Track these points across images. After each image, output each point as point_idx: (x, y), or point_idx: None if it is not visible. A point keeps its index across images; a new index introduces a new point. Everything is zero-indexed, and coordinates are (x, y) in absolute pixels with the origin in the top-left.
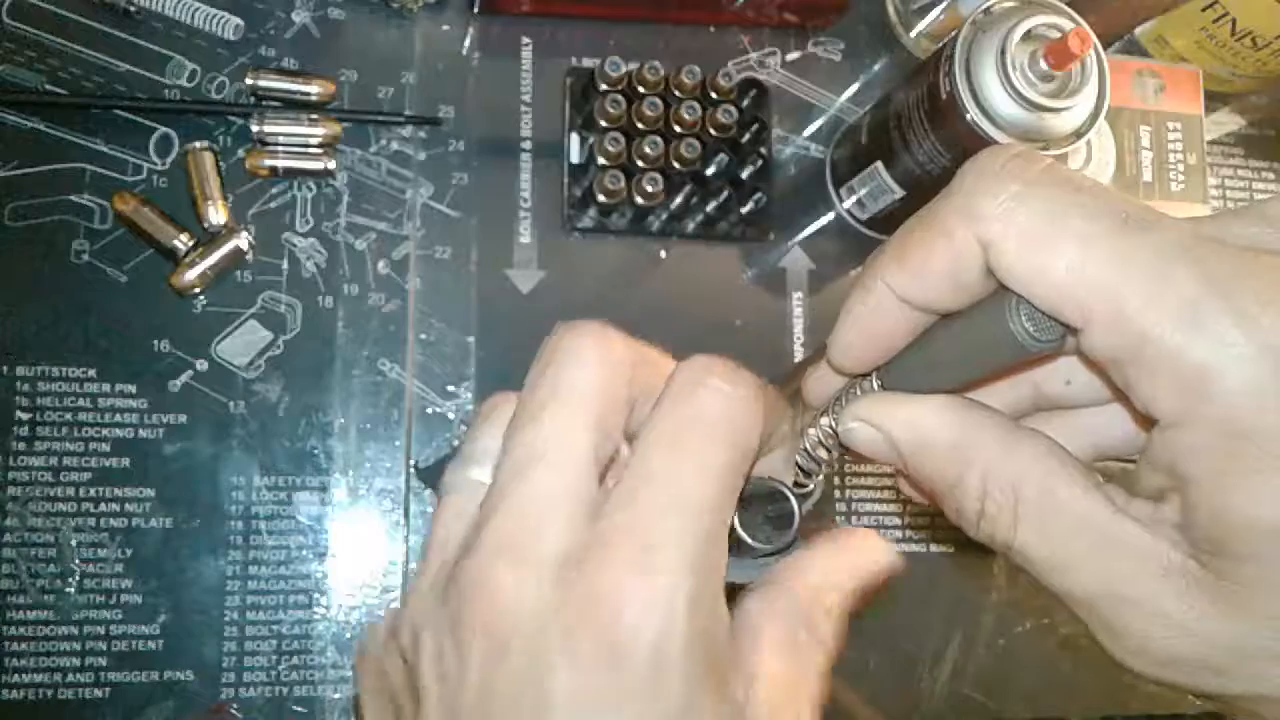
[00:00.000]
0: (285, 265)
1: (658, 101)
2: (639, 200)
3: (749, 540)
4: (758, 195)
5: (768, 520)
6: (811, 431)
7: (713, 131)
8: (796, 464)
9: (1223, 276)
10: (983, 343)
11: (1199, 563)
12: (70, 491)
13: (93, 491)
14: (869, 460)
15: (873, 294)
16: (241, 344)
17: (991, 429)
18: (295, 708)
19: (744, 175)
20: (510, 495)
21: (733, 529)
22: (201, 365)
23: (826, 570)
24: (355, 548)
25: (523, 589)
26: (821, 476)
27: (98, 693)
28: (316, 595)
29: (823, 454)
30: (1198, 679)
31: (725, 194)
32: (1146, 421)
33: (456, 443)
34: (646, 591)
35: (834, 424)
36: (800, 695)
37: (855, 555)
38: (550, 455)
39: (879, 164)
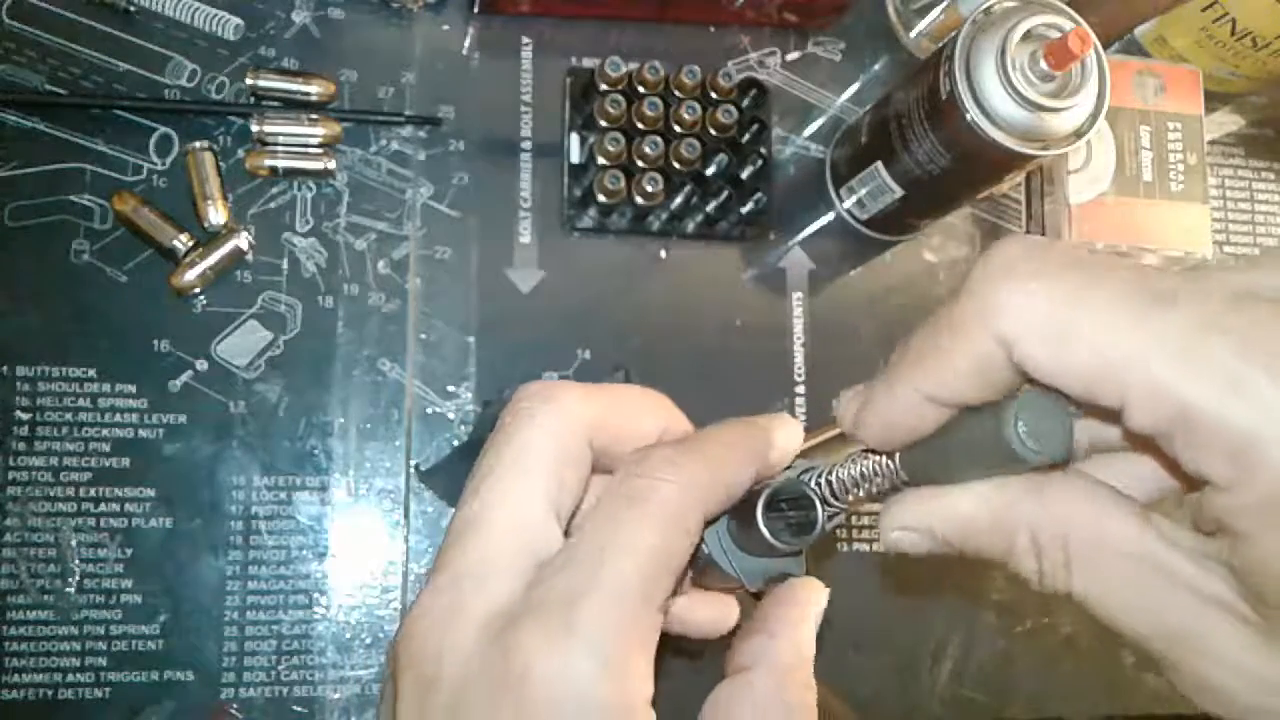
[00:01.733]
0: (285, 265)
1: (658, 101)
2: (639, 200)
3: (771, 540)
4: (758, 195)
5: (789, 526)
6: (828, 479)
7: (713, 131)
8: (817, 490)
9: (1258, 340)
10: (985, 455)
11: (1251, 605)
12: (70, 491)
13: (93, 491)
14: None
15: (898, 391)
16: (241, 344)
17: (1022, 488)
18: (295, 708)
19: (744, 175)
20: (449, 552)
21: (755, 526)
22: (201, 365)
23: (795, 646)
24: (355, 548)
25: (451, 639)
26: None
27: (98, 693)
28: (316, 595)
29: (845, 504)
30: None
31: (725, 194)
32: (1196, 484)
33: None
34: (560, 661)
35: (842, 476)
36: None
37: (808, 609)
38: (489, 518)
39: (879, 164)
